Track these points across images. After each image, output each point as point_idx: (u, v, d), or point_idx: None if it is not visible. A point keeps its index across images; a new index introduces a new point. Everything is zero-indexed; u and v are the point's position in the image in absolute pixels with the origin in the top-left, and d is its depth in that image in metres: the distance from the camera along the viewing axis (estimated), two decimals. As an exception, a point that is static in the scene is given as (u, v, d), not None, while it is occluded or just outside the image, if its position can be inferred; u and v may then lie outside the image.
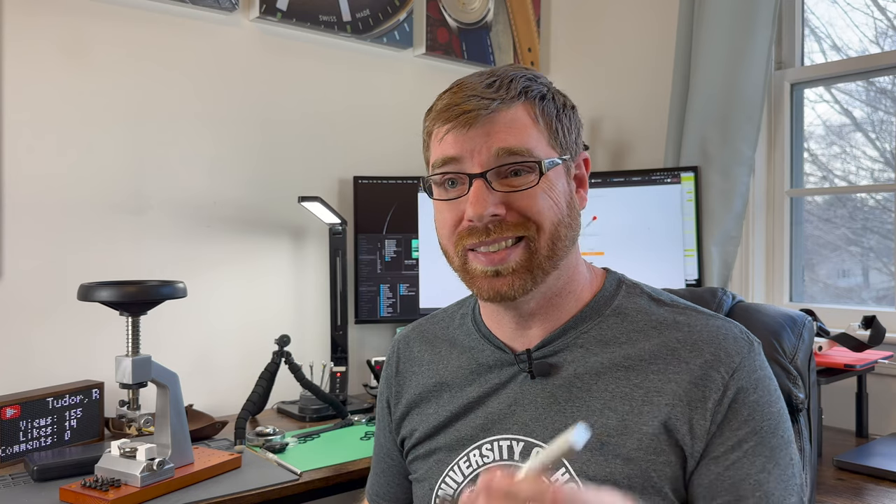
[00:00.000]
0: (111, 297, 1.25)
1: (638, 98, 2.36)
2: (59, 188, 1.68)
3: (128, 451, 1.26)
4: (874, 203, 2.04)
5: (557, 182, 0.83)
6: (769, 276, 2.14)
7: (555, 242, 0.82)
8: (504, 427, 0.86)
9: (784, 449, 0.79)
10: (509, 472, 0.61)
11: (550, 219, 0.81)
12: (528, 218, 0.81)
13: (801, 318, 1.08)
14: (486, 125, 0.80)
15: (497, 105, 0.80)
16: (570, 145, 0.86)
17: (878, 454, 1.51)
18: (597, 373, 0.83)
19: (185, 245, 1.86)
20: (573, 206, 0.86)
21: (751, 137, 2.01)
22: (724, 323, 0.84)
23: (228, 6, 1.88)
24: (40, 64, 1.66)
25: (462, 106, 0.81)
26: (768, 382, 0.81)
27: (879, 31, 2.02)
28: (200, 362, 1.87)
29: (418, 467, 0.95)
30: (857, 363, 1.62)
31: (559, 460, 0.56)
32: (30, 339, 1.64)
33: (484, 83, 0.82)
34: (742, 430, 0.77)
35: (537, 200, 0.81)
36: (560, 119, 0.85)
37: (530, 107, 0.82)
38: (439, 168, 0.83)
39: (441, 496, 0.58)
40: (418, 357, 0.99)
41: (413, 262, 2.08)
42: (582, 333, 0.86)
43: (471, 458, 0.87)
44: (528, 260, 0.81)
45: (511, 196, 0.81)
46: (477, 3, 2.37)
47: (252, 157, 1.97)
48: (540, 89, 0.84)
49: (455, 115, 0.81)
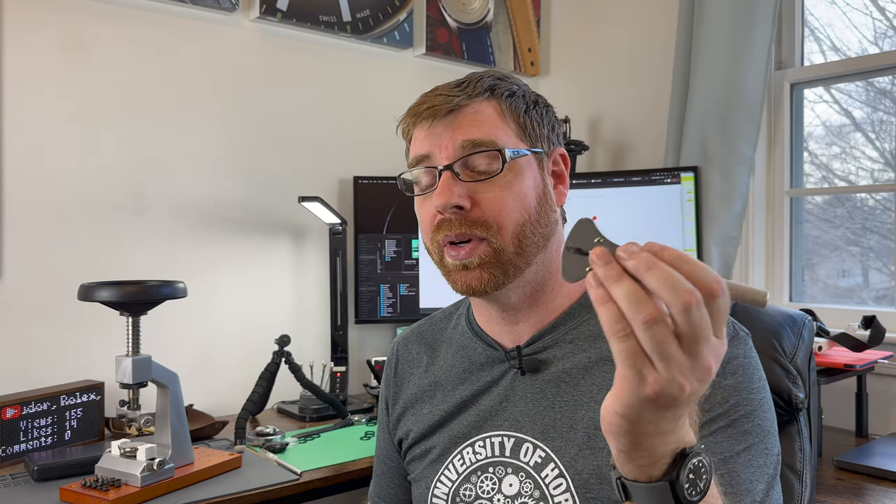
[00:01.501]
0: (111, 297, 1.25)
1: (638, 98, 2.36)
2: (59, 188, 1.68)
3: (128, 451, 1.26)
4: (874, 203, 2.04)
5: (527, 174, 0.84)
6: (769, 276, 2.14)
7: (521, 240, 0.83)
8: (495, 423, 0.87)
9: (759, 435, 0.77)
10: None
11: (513, 218, 0.82)
12: (489, 217, 0.82)
13: (800, 318, 1.08)
14: (451, 118, 0.84)
15: (461, 100, 0.84)
16: (540, 139, 0.87)
17: (878, 454, 1.51)
18: (584, 367, 0.83)
19: (185, 245, 1.86)
20: (547, 201, 0.86)
21: (751, 137, 2.01)
22: None
23: (228, 6, 1.88)
24: (40, 64, 1.66)
25: (428, 103, 0.85)
26: (751, 371, 0.80)
27: (879, 31, 2.02)
28: (200, 362, 1.87)
29: (415, 468, 0.96)
30: (857, 363, 1.62)
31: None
32: (30, 339, 1.64)
33: (453, 84, 0.86)
34: (713, 412, 0.76)
35: (502, 194, 0.82)
36: (529, 114, 0.87)
37: (496, 102, 0.85)
38: (413, 166, 0.87)
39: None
40: (416, 358, 1.00)
41: (413, 262, 2.08)
42: (571, 329, 0.86)
43: (464, 456, 0.88)
44: (494, 256, 0.82)
45: (477, 188, 0.83)
46: (477, 3, 2.37)
47: (252, 157, 1.97)
48: (509, 87, 0.87)
49: (421, 111, 0.85)
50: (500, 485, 0.84)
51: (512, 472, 0.84)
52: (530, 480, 0.82)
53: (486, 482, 0.86)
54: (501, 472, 0.85)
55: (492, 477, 0.85)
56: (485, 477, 0.86)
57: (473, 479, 0.87)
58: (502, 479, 0.85)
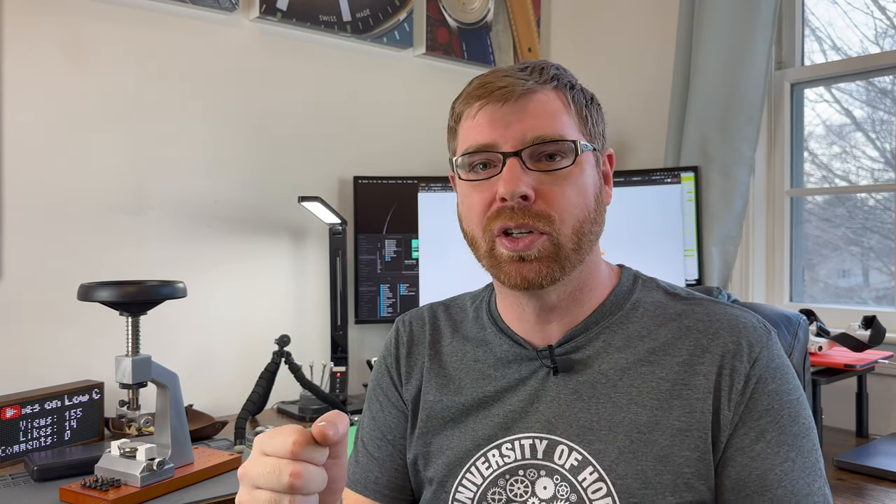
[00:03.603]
0: (111, 297, 1.25)
1: (638, 98, 2.36)
2: (59, 188, 1.68)
3: (128, 451, 1.26)
4: (874, 203, 2.04)
5: (588, 170, 0.83)
6: (769, 276, 2.14)
7: (580, 237, 0.80)
8: (526, 425, 0.84)
9: (805, 436, 0.78)
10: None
11: (575, 214, 0.80)
12: (553, 211, 0.79)
13: (795, 318, 1.08)
14: (520, 102, 0.80)
15: (531, 84, 0.80)
16: (598, 136, 0.86)
17: (878, 454, 1.51)
18: (622, 368, 0.82)
19: (185, 245, 1.86)
20: (600, 200, 0.85)
21: (751, 137, 2.01)
22: (741, 312, 0.84)
23: (228, 6, 1.88)
24: (40, 64, 1.66)
25: (496, 83, 0.81)
26: (786, 370, 0.80)
27: (879, 31, 2.02)
28: (200, 362, 1.87)
29: (430, 465, 0.89)
30: (857, 363, 1.62)
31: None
32: (30, 339, 1.64)
33: (517, 67, 0.83)
34: (763, 419, 0.77)
35: (566, 188, 0.79)
36: (590, 109, 0.85)
37: (562, 93, 0.83)
38: (473, 151, 0.81)
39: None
40: (441, 340, 0.94)
41: (413, 262, 2.08)
42: (604, 329, 0.85)
43: (489, 459, 0.85)
44: (554, 250, 0.79)
45: (543, 179, 0.79)
46: (477, 3, 2.37)
47: (252, 157, 1.97)
48: (570, 79, 0.85)
49: (489, 91, 0.80)
50: (534, 487, 0.82)
51: (546, 474, 0.81)
52: (566, 483, 0.80)
53: (518, 485, 0.83)
54: (534, 474, 0.82)
55: (523, 480, 0.83)
56: (514, 480, 0.83)
57: (502, 483, 0.83)
58: (535, 482, 0.82)
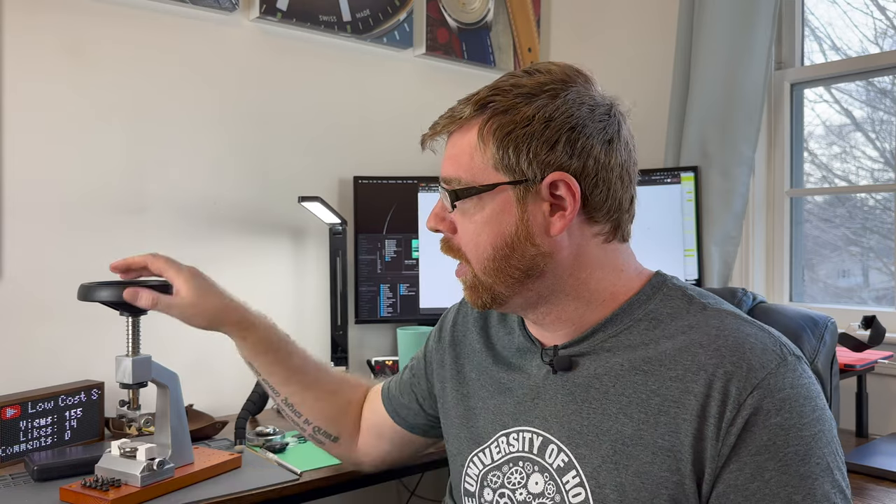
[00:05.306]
0: (111, 297, 1.25)
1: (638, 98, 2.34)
2: (59, 188, 1.68)
3: (128, 451, 1.26)
4: (874, 203, 2.04)
5: (498, 207, 0.82)
6: (769, 276, 2.14)
7: (498, 272, 0.83)
8: (528, 419, 0.87)
9: (819, 478, 0.70)
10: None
11: (480, 253, 0.84)
12: (462, 247, 0.86)
13: (822, 320, 1.05)
14: (450, 138, 0.87)
15: (461, 116, 0.84)
16: (530, 167, 0.80)
17: (878, 454, 1.51)
18: (616, 374, 0.81)
19: (186, 245, 1.85)
20: (528, 233, 0.81)
21: (751, 137, 2.02)
22: (758, 332, 0.77)
23: (228, 6, 1.88)
24: (40, 63, 1.66)
25: (447, 112, 0.87)
26: (801, 402, 0.72)
27: (879, 31, 2.02)
28: (200, 362, 1.87)
29: (449, 433, 0.99)
30: (857, 363, 1.62)
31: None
32: (30, 339, 1.64)
33: (480, 89, 0.86)
34: (761, 455, 0.70)
35: (468, 227, 0.85)
36: (513, 138, 0.80)
37: (479, 126, 0.83)
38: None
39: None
40: (490, 318, 1.01)
41: (413, 262, 2.08)
42: (610, 337, 0.83)
43: (500, 444, 0.89)
44: (474, 281, 0.85)
45: (457, 216, 0.87)
46: (477, 3, 2.37)
47: (252, 157, 1.97)
48: (508, 104, 0.81)
49: (428, 130, 0.89)
50: (527, 481, 0.85)
51: (538, 470, 0.84)
52: (553, 483, 0.82)
53: (515, 475, 0.86)
54: (529, 468, 0.85)
55: (520, 471, 0.86)
56: (514, 470, 0.86)
57: (504, 469, 0.87)
58: (529, 476, 0.85)
